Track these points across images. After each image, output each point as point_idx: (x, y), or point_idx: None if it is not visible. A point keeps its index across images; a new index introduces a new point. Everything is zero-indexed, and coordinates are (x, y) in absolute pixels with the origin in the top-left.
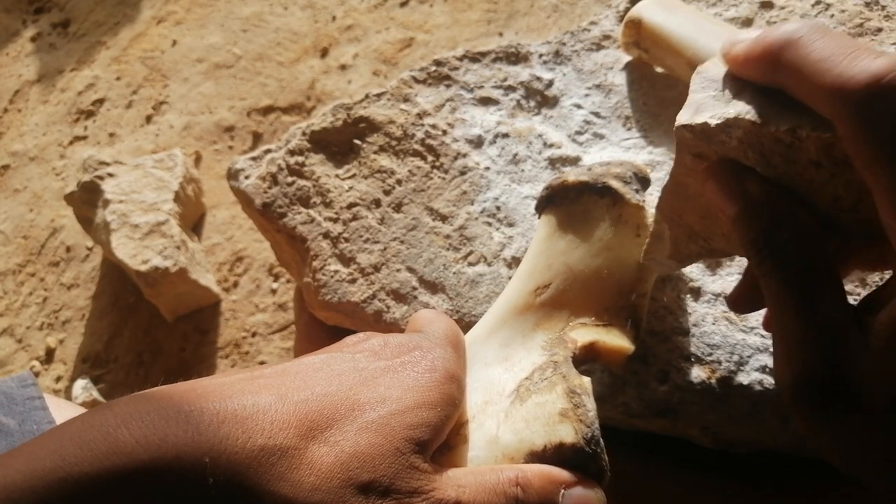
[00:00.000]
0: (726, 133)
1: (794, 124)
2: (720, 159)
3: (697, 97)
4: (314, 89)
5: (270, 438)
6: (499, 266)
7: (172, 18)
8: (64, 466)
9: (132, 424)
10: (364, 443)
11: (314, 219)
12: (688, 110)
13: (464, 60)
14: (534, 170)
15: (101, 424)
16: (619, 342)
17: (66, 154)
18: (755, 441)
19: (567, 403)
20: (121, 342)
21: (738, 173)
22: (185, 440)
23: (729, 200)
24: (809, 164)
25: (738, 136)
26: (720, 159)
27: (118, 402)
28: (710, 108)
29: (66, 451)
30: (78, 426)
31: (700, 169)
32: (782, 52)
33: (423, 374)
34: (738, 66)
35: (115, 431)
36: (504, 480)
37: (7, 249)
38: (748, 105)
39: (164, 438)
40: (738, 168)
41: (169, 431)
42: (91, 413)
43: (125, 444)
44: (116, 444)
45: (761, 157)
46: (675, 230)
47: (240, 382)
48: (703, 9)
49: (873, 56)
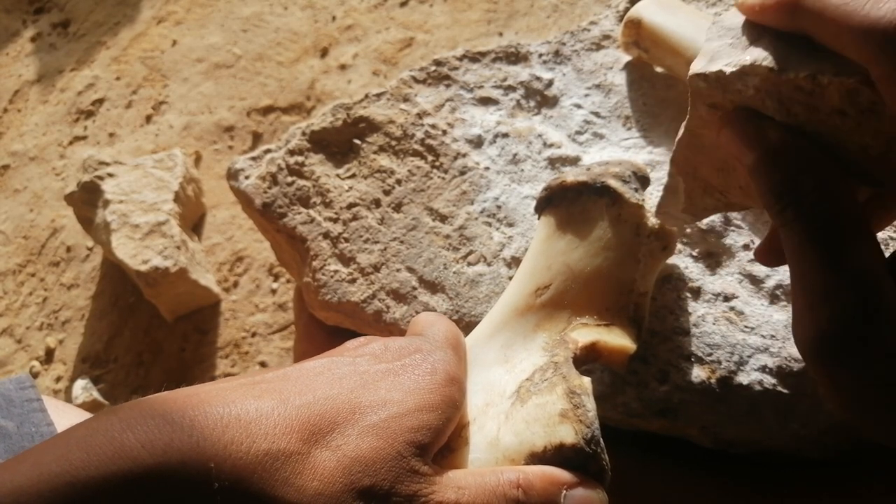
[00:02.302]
0: (742, 81)
1: (815, 70)
2: (737, 107)
3: (713, 45)
4: (314, 89)
5: (274, 443)
6: (498, 266)
7: (172, 18)
8: (70, 470)
9: (137, 429)
10: (366, 447)
11: (314, 219)
12: (702, 59)
13: (464, 60)
14: (533, 170)
15: (106, 429)
16: (621, 342)
17: (66, 154)
18: (755, 441)
19: (567, 404)
20: (121, 342)
21: (756, 120)
22: (190, 445)
23: (747, 147)
24: (833, 112)
25: (755, 85)
26: (737, 107)
27: (123, 407)
28: (726, 55)
29: (72, 456)
30: (83, 431)
31: (715, 119)
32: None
33: (424, 376)
34: (755, 14)
35: (121, 436)
36: (505, 482)
37: (7, 249)
38: (765, 52)
39: (169, 443)
40: (756, 115)
41: (174, 436)
42: (96, 418)
43: (131, 449)
44: (122, 448)
45: (780, 105)
46: (690, 184)
47: (242, 387)
48: (702, 9)
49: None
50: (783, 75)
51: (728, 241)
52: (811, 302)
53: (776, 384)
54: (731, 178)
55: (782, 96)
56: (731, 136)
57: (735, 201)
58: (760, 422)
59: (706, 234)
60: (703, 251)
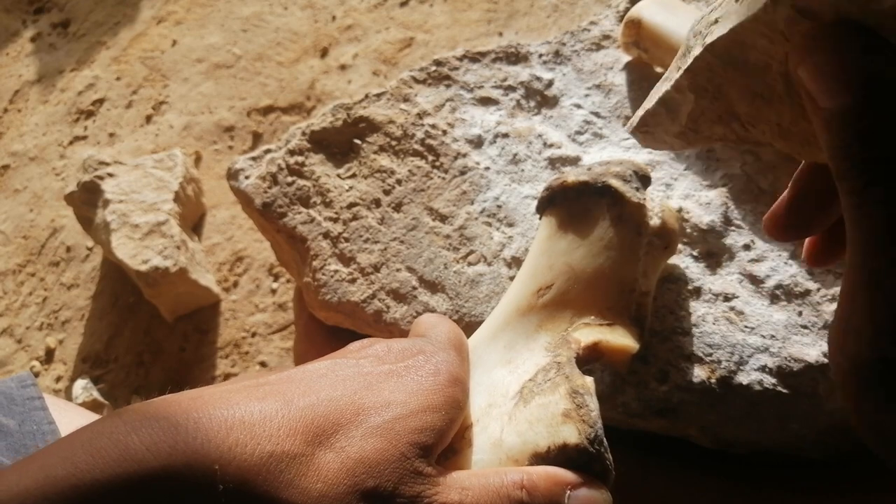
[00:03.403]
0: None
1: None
2: (839, 22)
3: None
4: (314, 89)
5: (278, 445)
6: (498, 266)
7: (172, 18)
8: (76, 473)
9: (142, 432)
10: (370, 448)
11: (314, 219)
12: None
13: (464, 60)
14: (534, 170)
15: (111, 432)
16: (624, 341)
17: (66, 154)
18: (754, 441)
19: (570, 404)
20: (121, 342)
21: (863, 47)
22: (195, 447)
23: (838, 86)
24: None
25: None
26: (839, 22)
27: (127, 410)
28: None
29: (77, 458)
30: (88, 434)
31: (799, 32)
32: None
33: (427, 377)
34: None
35: (126, 438)
36: (508, 483)
37: (7, 249)
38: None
39: (173, 445)
40: (868, 40)
41: (178, 438)
42: (101, 421)
43: (136, 451)
44: (127, 450)
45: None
46: (704, 104)
47: (245, 390)
48: (702, 9)
49: None
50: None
51: (728, 241)
52: (877, 313)
53: (776, 384)
54: (770, 109)
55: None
56: (818, 65)
57: (760, 139)
58: (760, 422)
59: (706, 234)
60: (704, 251)
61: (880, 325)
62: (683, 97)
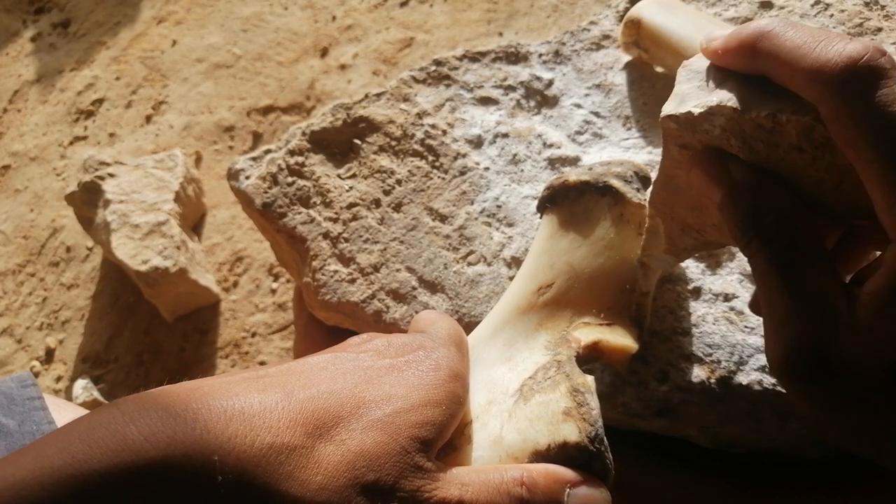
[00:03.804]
0: (709, 121)
1: (775, 109)
2: (705, 147)
3: (682, 88)
4: (314, 89)
5: (278, 436)
6: (498, 266)
7: (172, 18)
8: (73, 463)
9: (140, 422)
10: (370, 441)
11: (314, 219)
12: (673, 101)
13: (464, 60)
14: (533, 170)
15: (108, 422)
16: (623, 341)
17: (67, 154)
18: (754, 441)
19: (570, 402)
20: (121, 342)
21: (722, 159)
22: (194, 438)
23: (714, 186)
24: (791, 148)
25: (721, 124)
26: (705, 147)
27: (125, 400)
28: (694, 97)
29: (74, 449)
30: (86, 424)
31: (686, 159)
32: (758, 42)
33: (428, 372)
34: (718, 58)
35: (124, 429)
36: (508, 480)
37: (7, 249)
38: (730, 93)
39: (172, 436)
40: (722, 155)
41: (177, 429)
42: (98, 411)
43: (133, 442)
44: (125, 441)
45: (744, 143)
46: (669, 224)
47: (245, 381)
48: (702, 9)
49: (846, 41)
50: (746, 115)
51: None
52: (776, 325)
53: (776, 384)
54: (704, 216)
55: (746, 135)
56: (700, 175)
57: (711, 239)
58: (760, 422)
59: None
60: (704, 251)
61: (776, 333)
62: (656, 222)
